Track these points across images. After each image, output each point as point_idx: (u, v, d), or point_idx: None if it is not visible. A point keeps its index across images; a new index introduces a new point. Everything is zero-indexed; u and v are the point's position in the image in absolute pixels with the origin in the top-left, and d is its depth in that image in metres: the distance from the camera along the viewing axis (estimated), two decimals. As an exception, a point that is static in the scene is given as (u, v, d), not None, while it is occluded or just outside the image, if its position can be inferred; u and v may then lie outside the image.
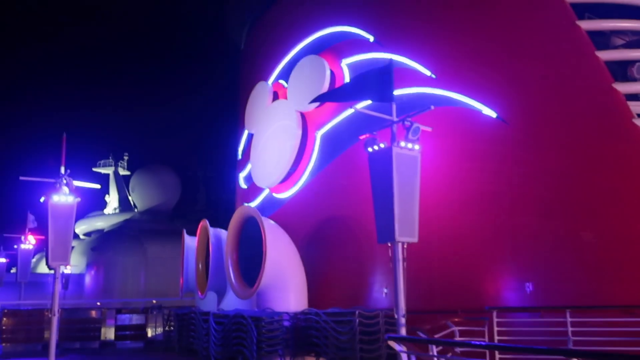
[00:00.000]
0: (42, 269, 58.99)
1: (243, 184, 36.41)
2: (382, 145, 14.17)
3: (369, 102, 18.66)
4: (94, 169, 78.10)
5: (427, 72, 24.01)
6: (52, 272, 20.74)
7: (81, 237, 72.93)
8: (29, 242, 36.85)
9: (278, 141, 29.97)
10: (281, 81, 32.75)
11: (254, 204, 32.27)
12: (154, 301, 50.76)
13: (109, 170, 77.86)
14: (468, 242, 20.73)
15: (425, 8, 25.54)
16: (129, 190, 73.99)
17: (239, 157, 38.50)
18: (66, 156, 21.17)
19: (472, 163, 21.69)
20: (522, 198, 20.30)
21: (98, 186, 24.24)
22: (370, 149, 14.44)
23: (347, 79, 28.02)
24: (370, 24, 27.68)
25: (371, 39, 27.17)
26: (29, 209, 37.20)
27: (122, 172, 78.51)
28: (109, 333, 33.36)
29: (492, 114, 21.71)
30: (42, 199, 20.03)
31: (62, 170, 20.48)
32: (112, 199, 77.34)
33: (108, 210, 76.89)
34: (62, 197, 19.86)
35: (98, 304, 48.87)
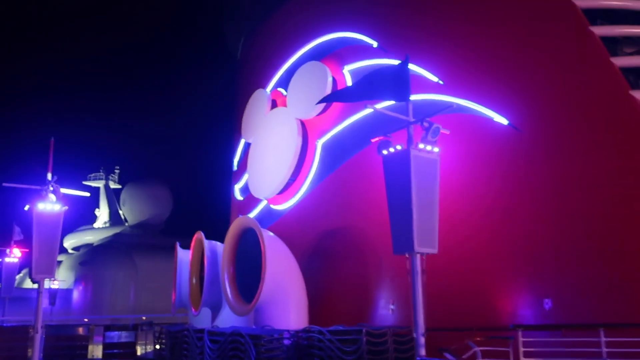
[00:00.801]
0: (29, 283, 57.16)
1: (239, 196, 35.18)
2: (398, 148, 13.00)
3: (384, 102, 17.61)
4: (85, 182, 76.54)
5: (434, 78, 23.00)
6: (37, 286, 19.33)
7: (69, 251, 71.16)
8: (14, 255, 35.19)
9: (277, 150, 28.80)
10: (280, 89, 31.69)
11: (251, 215, 30.97)
12: (144, 317, 49.11)
13: (99, 184, 76.35)
14: (482, 254, 19.53)
15: (432, 13, 24.58)
16: (120, 203, 72.50)
17: (235, 168, 37.34)
18: (54, 165, 19.88)
19: (485, 172, 20.57)
20: (540, 209, 19.17)
21: (87, 194, 22.92)
22: (385, 152, 13.26)
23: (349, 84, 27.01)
24: (373, 29, 26.71)
25: (375, 44, 26.18)
26: (15, 220, 35.61)
27: (113, 185, 77.06)
28: (96, 351, 31.66)
29: (503, 121, 20.69)
30: (26, 207, 18.71)
31: (49, 176, 19.20)
32: (103, 213, 75.77)
33: (98, 224, 75.25)
34: (48, 205, 18.56)
35: (86, 320, 47.17)
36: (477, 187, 20.39)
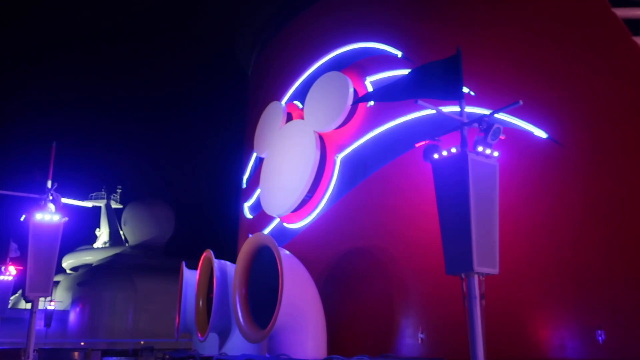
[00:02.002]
0: (24, 304, 54.96)
1: (248, 214, 33.39)
2: (453, 151, 11.23)
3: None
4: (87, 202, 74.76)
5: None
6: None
7: (68, 271, 69.02)
8: (9, 272, 33.16)
9: (293, 165, 27.05)
10: (296, 102, 30.11)
11: (262, 234, 29.12)
12: (142, 342, 46.84)
13: (101, 203, 74.56)
14: (524, 279, 17.64)
15: (461, 21, 23.07)
16: (121, 223, 70.64)
17: (244, 185, 35.63)
18: (55, 173, 18.08)
19: (524, 190, 18.81)
20: (588, 229, 17.38)
21: (89, 204, 21.11)
22: (436, 156, 11.49)
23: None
24: (397, 39, 25.21)
25: (399, 54, 24.65)
26: (11, 235, 33.66)
27: (115, 205, 75.29)
28: (93, 378, 29.59)
29: (543, 134, 19.04)
30: (22, 217, 16.88)
31: (49, 184, 17.42)
32: (103, 233, 73.85)
33: (98, 244, 73.27)
34: (47, 216, 16.74)
35: (82, 344, 44.96)
36: (517, 206, 18.58)
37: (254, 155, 33.58)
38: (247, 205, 33.63)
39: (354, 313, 22.80)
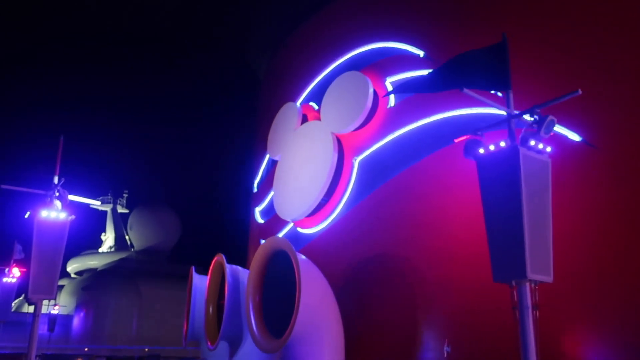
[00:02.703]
0: (28, 307, 53.96)
1: (259, 219, 32.34)
2: (502, 145, 10.15)
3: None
4: (92, 206, 73.90)
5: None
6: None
7: (72, 276, 68.11)
8: (13, 275, 32.17)
9: (308, 167, 25.98)
10: (312, 103, 29.12)
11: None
12: (147, 349, 45.77)
13: (106, 208, 73.73)
14: (561, 291, 16.43)
15: (487, 21, 22.02)
16: (127, 228, 69.81)
17: (255, 189, 34.63)
18: (61, 169, 17.09)
19: (563, 194, 17.65)
20: (631, 236, 16.21)
21: (98, 202, 20.15)
22: (481, 151, 10.40)
23: (391, 98, 24.36)
24: (419, 38, 24.22)
25: (421, 54, 23.66)
26: (16, 237, 32.70)
27: (121, 209, 74.48)
28: (96, 385, 28.47)
29: (576, 137, 17.94)
30: (27, 215, 15.88)
31: (56, 180, 16.43)
32: (109, 237, 73.00)
33: (103, 248, 72.39)
34: (53, 213, 15.73)
35: (86, 349, 43.91)
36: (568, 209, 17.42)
37: (266, 158, 32.59)
38: (258, 210, 32.61)
39: (372, 323, 21.64)
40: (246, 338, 21.66)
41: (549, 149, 10.25)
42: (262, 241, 25.65)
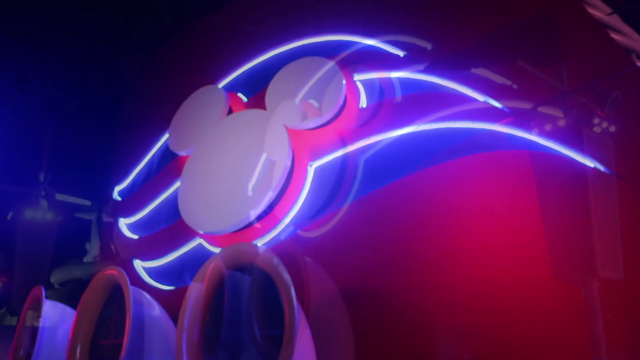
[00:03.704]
0: (9, 319, 51.88)
1: (129, 234, 23.50)
2: (561, 124, 8.91)
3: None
4: (77, 215, 71.99)
5: (495, 103, 18.90)
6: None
7: (56, 287, 66.07)
8: (-7, 284, 30.41)
9: (244, 169, 20.12)
10: (240, 94, 23.20)
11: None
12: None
13: (91, 216, 71.86)
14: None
15: (489, 18, 20.70)
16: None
17: (117, 197, 24.67)
18: (48, 163, 15.61)
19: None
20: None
21: (88, 202, 18.82)
22: (535, 132, 9.17)
23: (363, 98, 21.29)
24: (381, 29, 22.09)
25: (401, 54, 21.53)
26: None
27: (106, 218, 72.60)
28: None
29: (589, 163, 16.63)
30: (9, 215, 14.47)
31: (42, 177, 15.00)
32: (94, 247, 71.05)
33: (87, 258, 70.43)
34: (39, 213, 14.32)
35: (71, 363, 41.98)
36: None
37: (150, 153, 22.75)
38: (125, 222, 22.38)
39: (384, 330, 20.32)
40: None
41: (613, 129, 9.04)
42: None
